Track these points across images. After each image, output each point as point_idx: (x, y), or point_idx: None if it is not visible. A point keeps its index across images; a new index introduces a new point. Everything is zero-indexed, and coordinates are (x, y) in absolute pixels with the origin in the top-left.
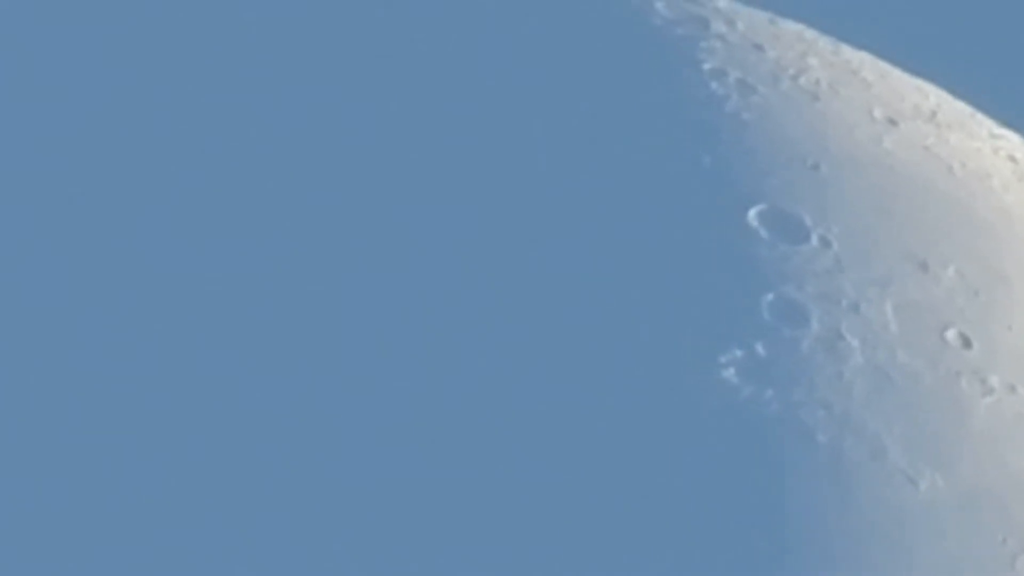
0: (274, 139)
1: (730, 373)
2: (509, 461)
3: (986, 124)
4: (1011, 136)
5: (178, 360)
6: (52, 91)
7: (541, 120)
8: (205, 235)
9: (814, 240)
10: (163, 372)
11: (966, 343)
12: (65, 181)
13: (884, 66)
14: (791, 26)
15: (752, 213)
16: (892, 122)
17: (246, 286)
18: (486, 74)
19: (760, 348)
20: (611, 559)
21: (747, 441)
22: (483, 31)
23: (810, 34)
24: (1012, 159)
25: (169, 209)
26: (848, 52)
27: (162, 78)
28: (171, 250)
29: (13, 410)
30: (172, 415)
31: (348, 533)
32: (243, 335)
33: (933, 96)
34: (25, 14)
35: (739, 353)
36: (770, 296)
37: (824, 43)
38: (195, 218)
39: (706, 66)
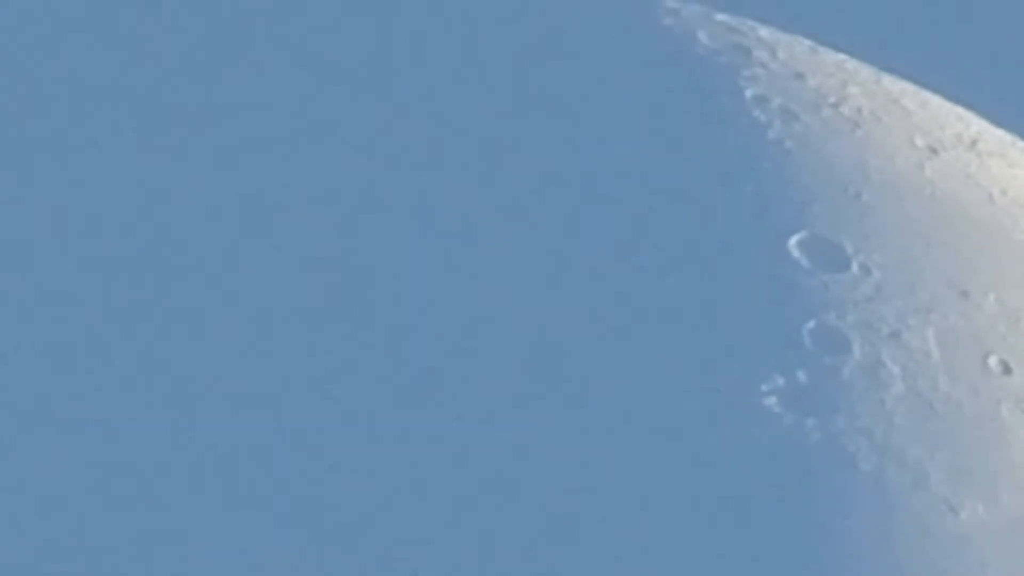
0: (281, 137)
1: (772, 401)
2: (550, 487)
3: None
4: None
5: (176, 360)
6: (52, 91)
7: (585, 148)
8: (204, 236)
9: (855, 268)
10: (159, 371)
11: (1007, 370)
12: (65, 181)
13: (925, 94)
14: (832, 55)
15: (793, 241)
16: (933, 150)
17: (246, 285)
18: (531, 102)
19: (802, 376)
20: None
21: (789, 469)
22: (528, 58)
23: (851, 63)
24: None
25: (169, 211)
26: (889, 80)
27: (163, 80)
28: (168, 253)
29: (15, 411)
30: (171, 416)
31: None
32: (242, 335)
33: (974, 124)
34: (23, 14)
35: (781, 381)
36: (811, 324)
37: (865, 72)
38: (194, 219)
39: (748, 94)
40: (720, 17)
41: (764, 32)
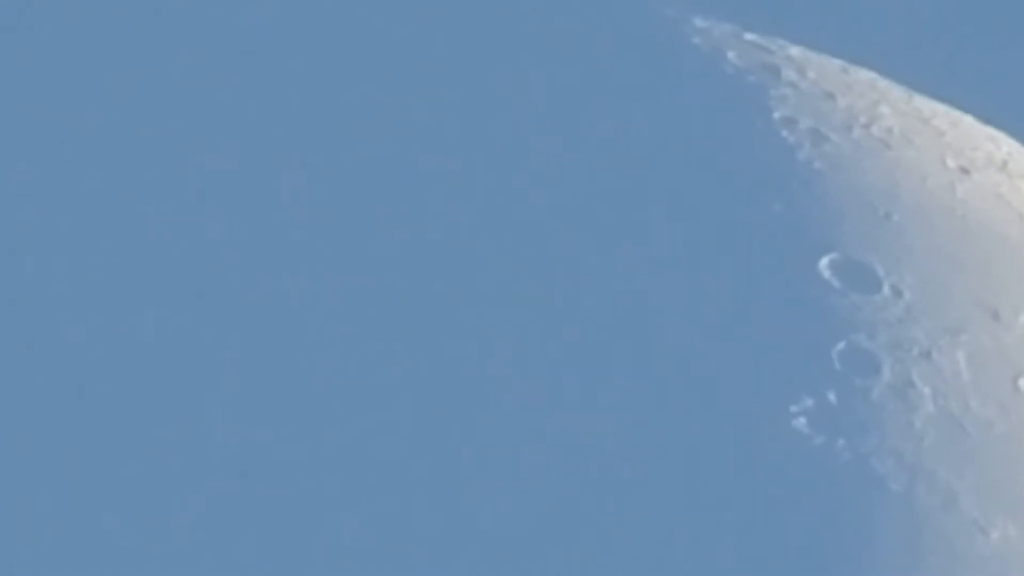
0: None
1: (801, 422)
2: (574, 506)
3: None
4: None
5: (172, 360)
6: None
7: (613, 168)
8: (204, 234)
9: (886, 289)
10: (159, 370)
11: None
12: (67, 182)
13: (956, 115)
14: (863, 74)
15: (824, 262)
16: (964, 171)
17: (248, 285)
18: (559, 120)
19: (831, 397)
20: None
21: (819, 490)
22: (556, 77)
23: (882, 82)
24: None
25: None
26: (920, 101)
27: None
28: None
29: (28, 413)
30: (171, 416)
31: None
32: (245, 336)
33: (1005, 145)
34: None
35: (810, 402)
36: (841, 345)
37: (896, 91)
38: (194, 219)
39: (777, 115)
40: (750, 36)
41: (794, 51)
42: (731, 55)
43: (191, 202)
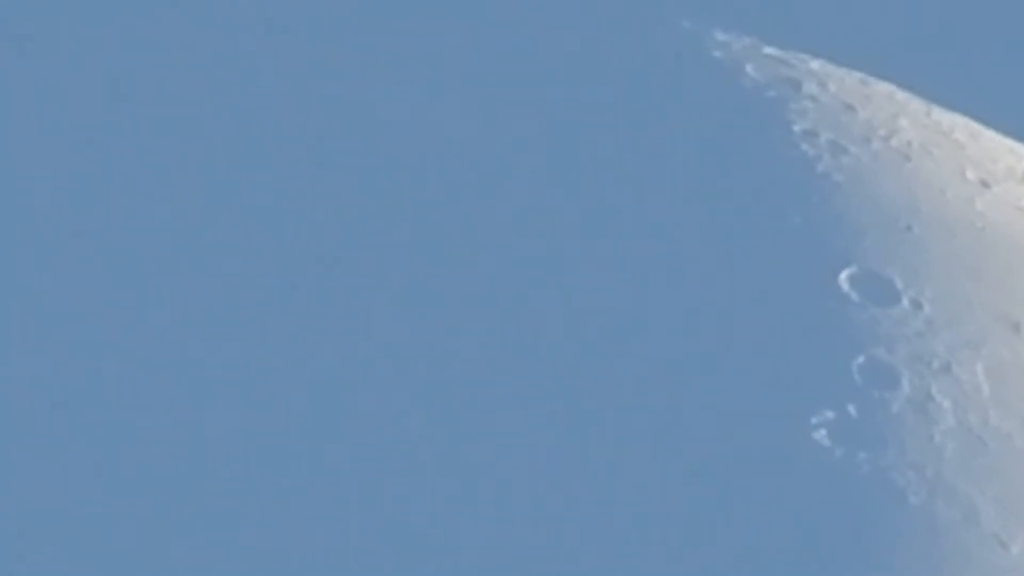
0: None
1: (821, 435)
2: (601, 518)
3: None
4: None
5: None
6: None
7: (633, 181)
8: (205, 235)
9: (905, 302)
10: (149, 365)
11: None
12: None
13: (976, 127)
14: (883, 87)
15: (843, 275)
16: (984, 183)
17: (249, 285)
18: (579, 133)
19: (851, 410)
20: None
21: (839, 503)
22: (577, 92)
23: (902, 95)
24: None
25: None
26: (939, 113)
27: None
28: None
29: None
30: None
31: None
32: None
33: None
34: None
35: (830, 415)
36: (861, 358)
37: (916, 104)
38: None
39: (797, 127)
40: (770, 50)
41: (815, 64)
42: (751, 68)
43: (192, 201)
